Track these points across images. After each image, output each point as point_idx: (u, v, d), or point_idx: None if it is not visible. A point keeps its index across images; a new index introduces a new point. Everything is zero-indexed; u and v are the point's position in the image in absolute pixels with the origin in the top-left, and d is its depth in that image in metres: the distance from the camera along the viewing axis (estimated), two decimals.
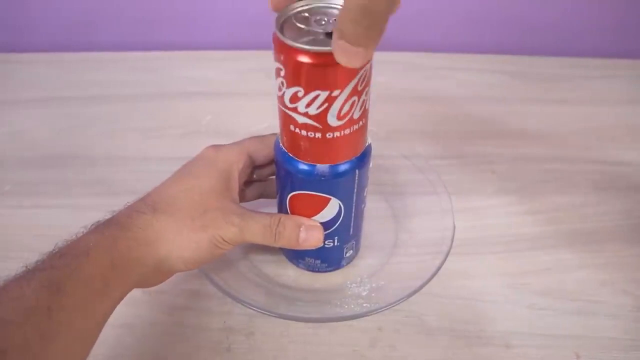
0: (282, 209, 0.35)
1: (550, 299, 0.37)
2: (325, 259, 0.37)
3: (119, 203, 0.31)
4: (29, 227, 0.43)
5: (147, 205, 0.31)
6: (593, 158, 0.50)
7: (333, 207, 0.32)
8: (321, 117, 0.27)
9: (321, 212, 0.33)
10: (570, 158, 0.50)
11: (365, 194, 0.35)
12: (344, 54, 0.23)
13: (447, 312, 0.36)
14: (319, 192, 0.32)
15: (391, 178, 0.45)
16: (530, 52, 0.66)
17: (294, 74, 0.26)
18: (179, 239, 0.30)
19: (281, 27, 0.27)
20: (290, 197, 0.33)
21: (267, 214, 0.33)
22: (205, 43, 0.66)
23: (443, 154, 0.51)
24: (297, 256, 0.38)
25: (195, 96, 0.59)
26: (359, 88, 0.27)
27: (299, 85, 0.26)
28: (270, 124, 0.34)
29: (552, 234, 0.42)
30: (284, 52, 0.26)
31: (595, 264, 0.40)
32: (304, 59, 0.25)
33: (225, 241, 0.31)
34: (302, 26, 0.26)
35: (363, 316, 0.34)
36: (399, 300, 0.33)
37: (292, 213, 0.34)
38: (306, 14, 0.27)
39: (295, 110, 0.28)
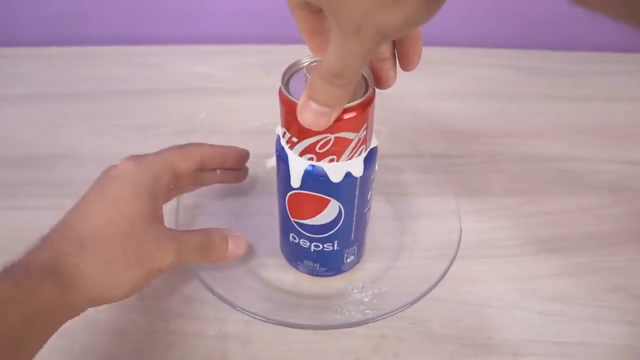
0: (280, 207, 0.34)
1: (561, 305, 0.36)
2: (325, 262, 0.36)
3: None
4: (16, 229, 0.41)
5: (73, 244, 0.28)
6: (607, 157, 0.49)
7: (333, 209, 0.32)
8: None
9: (320, 214, 0.32)
10: (582, 157, 0.49)
11: (369, 198, 0.34)
12: (310, 114, 0.24)
13: (453, 318, 0.35)
14: (318, 192, 0.31)
15: (394, 178, 0.44)
16: (541, 46, 0.64)
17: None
18: (112, 279, 0.28)
19: (292, 73, 0.29)
20: (289, 196, 0.32)
21: (196, 231, 0.33)
22: (202, 37, 0.65)
23: (449, 152, 0.49)
24: (296, 258, 0.37)
25: (191, 92, 0.57)
26: (318, 150, 0.28)
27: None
28: (270, 122, 0.33)
29: (563, 237, 0.41)
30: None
31: (608, 268, 0.39)
32: (279, 98, 0.28)
33: (162, 270, 0.30)
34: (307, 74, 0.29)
35: (365, 323, 0.33)
36: (402, 307, 0.33)
37: (290, 212, 0.33)
38: None
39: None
